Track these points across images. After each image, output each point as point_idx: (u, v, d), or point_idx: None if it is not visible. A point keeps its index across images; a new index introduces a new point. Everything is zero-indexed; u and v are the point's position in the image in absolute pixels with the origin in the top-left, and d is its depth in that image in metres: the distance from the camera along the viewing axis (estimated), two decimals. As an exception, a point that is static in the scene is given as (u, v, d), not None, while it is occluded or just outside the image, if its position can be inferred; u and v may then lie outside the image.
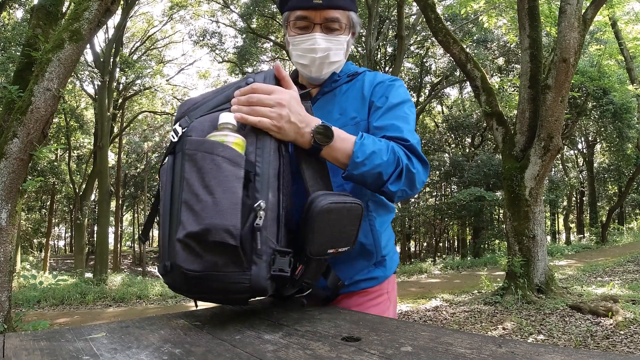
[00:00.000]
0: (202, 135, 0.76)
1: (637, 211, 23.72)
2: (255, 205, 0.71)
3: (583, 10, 5.81)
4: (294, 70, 1.20)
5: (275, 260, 0.72)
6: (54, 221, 22.11)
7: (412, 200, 20.18)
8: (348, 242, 0.87)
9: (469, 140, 20.55)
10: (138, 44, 20.49)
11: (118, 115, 18.55)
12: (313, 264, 0.86)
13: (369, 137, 0.94)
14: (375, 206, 1.11)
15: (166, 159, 0.81)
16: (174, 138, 0.82)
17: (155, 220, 0.92)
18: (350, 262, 1.07)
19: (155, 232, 26.20)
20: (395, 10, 13.82)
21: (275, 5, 16.21)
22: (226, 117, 0.77)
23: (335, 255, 0.85)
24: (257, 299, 0.88)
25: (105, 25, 11.44)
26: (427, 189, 20.80)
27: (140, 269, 19.74)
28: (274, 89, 0.83)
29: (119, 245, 21.72)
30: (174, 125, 0.85)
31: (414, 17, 15.58)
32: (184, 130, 0.81)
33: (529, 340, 4.02)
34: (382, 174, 0.91)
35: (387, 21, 16.67)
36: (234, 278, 0.70)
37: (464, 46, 7.88)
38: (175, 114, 0.92)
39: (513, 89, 13.54)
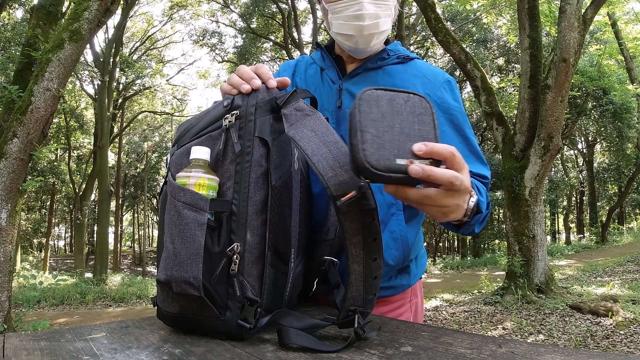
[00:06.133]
0: (179, 169, 0.71)
1: (637, 211, 23.74)
2: (228, 250, 0.66)
3: (583, 10, 5.81)
4: (331, 39, 1.07)
5: (244, 308, 0.66)
6: (54, 221, 22.12)
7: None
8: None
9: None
10: (138, 43, 20.52)
11: (118, 115, 18.56)
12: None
13: (482, 187, 0.82)
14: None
15: (164, 188, 0.76)
16: (166, 166, 0.78)
17: None
18: None
19: (155, 232, 26.13)
20: (395, 10, 13.79)
21: (275, 5, 16.22)
22: (195, 152, 0.69)
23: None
24: None
25: (105, 25, 11.44)
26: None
27: (140, 269, 19.77)
28: (461, 164, 0.56)
29: (119, 245, 21.74)
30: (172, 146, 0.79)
31: (413, 17, 15.57)
32: (168, 163, 0.76)
33: (529, 340, 4.02)
34: (477, 224, 0.81)
35: (387, 21, 16.64)
36: (209, 322, 0.67)
37: (464, 46, 7.88)
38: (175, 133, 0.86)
39: (513, 89, 13.53)
